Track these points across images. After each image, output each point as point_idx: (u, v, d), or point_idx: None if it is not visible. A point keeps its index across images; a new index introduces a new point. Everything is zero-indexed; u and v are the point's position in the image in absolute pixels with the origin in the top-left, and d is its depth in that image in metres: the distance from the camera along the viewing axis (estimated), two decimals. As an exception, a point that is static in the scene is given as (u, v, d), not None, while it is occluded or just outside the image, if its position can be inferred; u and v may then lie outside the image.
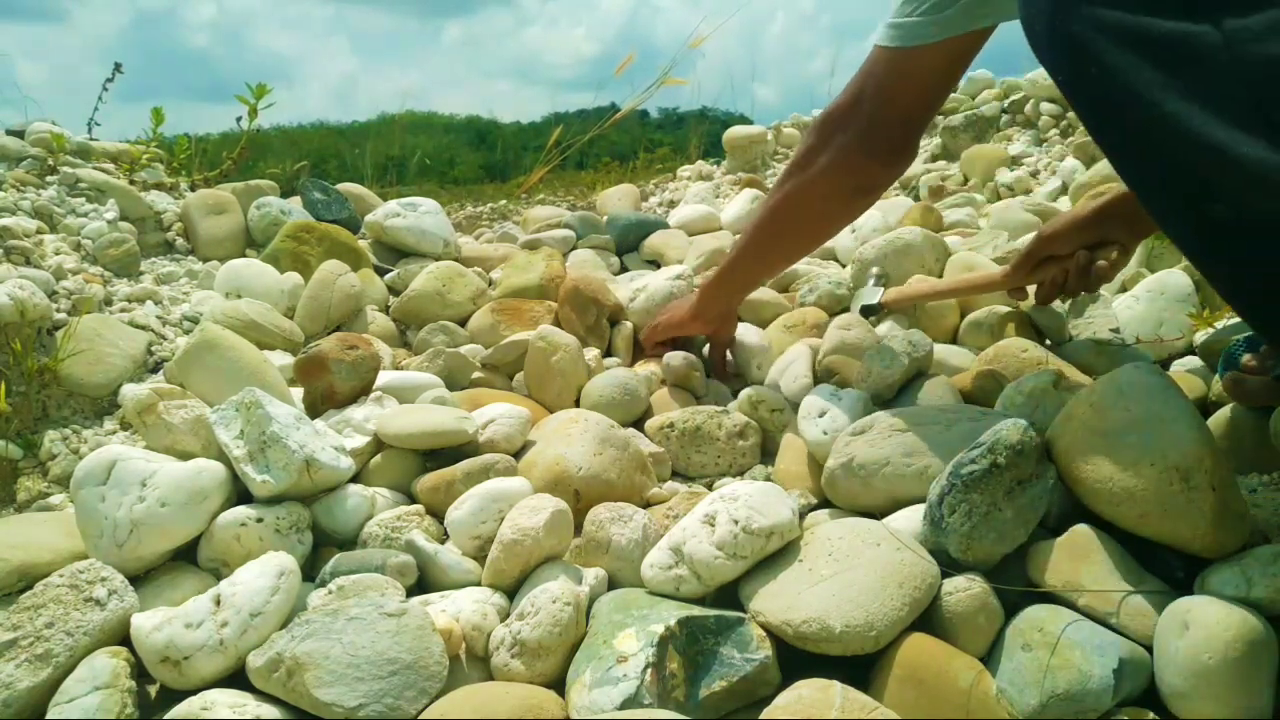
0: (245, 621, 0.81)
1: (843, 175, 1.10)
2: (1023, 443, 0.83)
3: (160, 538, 0.93)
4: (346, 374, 1.20)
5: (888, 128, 1.06)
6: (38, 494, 1.18)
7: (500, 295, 1.64)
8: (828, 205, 1.16)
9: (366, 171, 3.41)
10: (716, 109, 4.43)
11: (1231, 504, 0.79)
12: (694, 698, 0.76)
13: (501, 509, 0.97)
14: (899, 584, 0.79)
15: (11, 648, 0.80)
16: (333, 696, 0.74)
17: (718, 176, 2.73)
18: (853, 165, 1.09)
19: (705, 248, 1.84)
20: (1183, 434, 0.79)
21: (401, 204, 1.95)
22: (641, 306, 1.52)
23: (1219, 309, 1.23)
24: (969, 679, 0.74)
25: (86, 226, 1.65)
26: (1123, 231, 1.13)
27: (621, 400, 1.28)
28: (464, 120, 8.88)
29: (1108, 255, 1.14)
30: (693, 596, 0.86)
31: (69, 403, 1.31)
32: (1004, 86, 2.56)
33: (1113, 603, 0.77)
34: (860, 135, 1.07)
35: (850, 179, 1.11)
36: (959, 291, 1.34)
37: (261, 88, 2.12)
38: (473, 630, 0.85)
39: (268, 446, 0.98)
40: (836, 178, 1.11)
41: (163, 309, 1.57)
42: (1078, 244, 1.14)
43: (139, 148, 1.98)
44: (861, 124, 1.06)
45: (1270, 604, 0.73)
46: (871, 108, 1.05)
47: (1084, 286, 1.16)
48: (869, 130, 1.06)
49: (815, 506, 1.04)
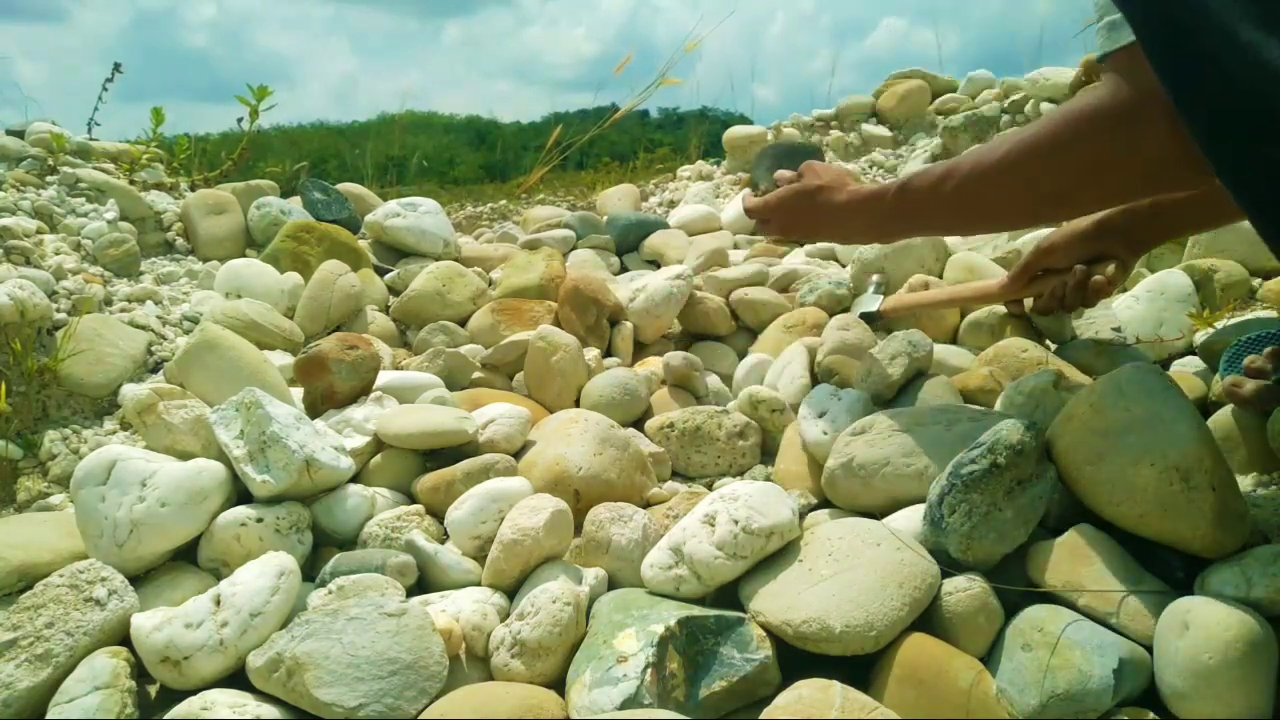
0: (245, 621, 0.81)
1: (1173, 153, 0.79)
2: (1023, 443, 0.83)
3: (160, 538, 0.93)
4: (346, 374, 1.20)
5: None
6: (38, 494, 1.18)
7: (500, 295, 1.64)
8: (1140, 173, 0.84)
9: (366, 171, 3.41)
10: (716, 109, 4.43)
11: (1231, 504, 0.79)
12: (694, 698, 0.76)
13: (501, 509, 0.97)
14: (899, 584, 0.79)
15: (11, 648, 0.80)
16: (333, 696, 0.74)
17: (718, 176, 2.72)
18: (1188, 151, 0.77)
19: (705, 248, 1.84)
20: (1183, 434, 0.79)
21: (401, 204, 1.95)
22: (641, 306, 1.52)
23: (1219, 309, 1.24)
24: (969, 679, 0.74)
25: (86, 226, 1.65)
26: (1121, 246, 1.11)
27: (621, 400, 1.28)
28: (464, 120, 8.88)
29: (1105, 270, 1.12)
30: (693, 596, 0.86)
31: (69, 403, 1.31)
32: (1004, 86, 2.56)
33: (1113, 603, 0.77)
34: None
35: (1174, 163, 0.80)
36: (955, 301, 1.34)
37: (263, 89, 2.12)
38: (473, 630, 0.85)
39: (268, 446, 0.98)
40: (1167, 150, 0.78)
41: (163, 309, 1.57)
42: (1075, 258, 1.12)
43: (139, 148, 1.98)
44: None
45: (1270, 604, 0.73)
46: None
47: (1081, 301, 1.14)
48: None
49: (815, 506, 1.04)
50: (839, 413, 1.08)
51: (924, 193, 0.96)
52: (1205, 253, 1.36)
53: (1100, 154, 0.81)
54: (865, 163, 2.65)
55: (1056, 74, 2.35)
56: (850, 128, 2.82)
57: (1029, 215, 0.98)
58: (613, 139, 3.56)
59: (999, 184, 0.89)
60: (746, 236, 2.11)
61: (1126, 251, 1.12)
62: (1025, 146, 0.86)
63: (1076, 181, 0.85)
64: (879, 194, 1.02)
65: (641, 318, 1.52)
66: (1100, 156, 0.82)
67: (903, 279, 1.45)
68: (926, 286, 1.40)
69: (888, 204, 1.01)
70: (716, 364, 1.50)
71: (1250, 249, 1.34)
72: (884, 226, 1.07)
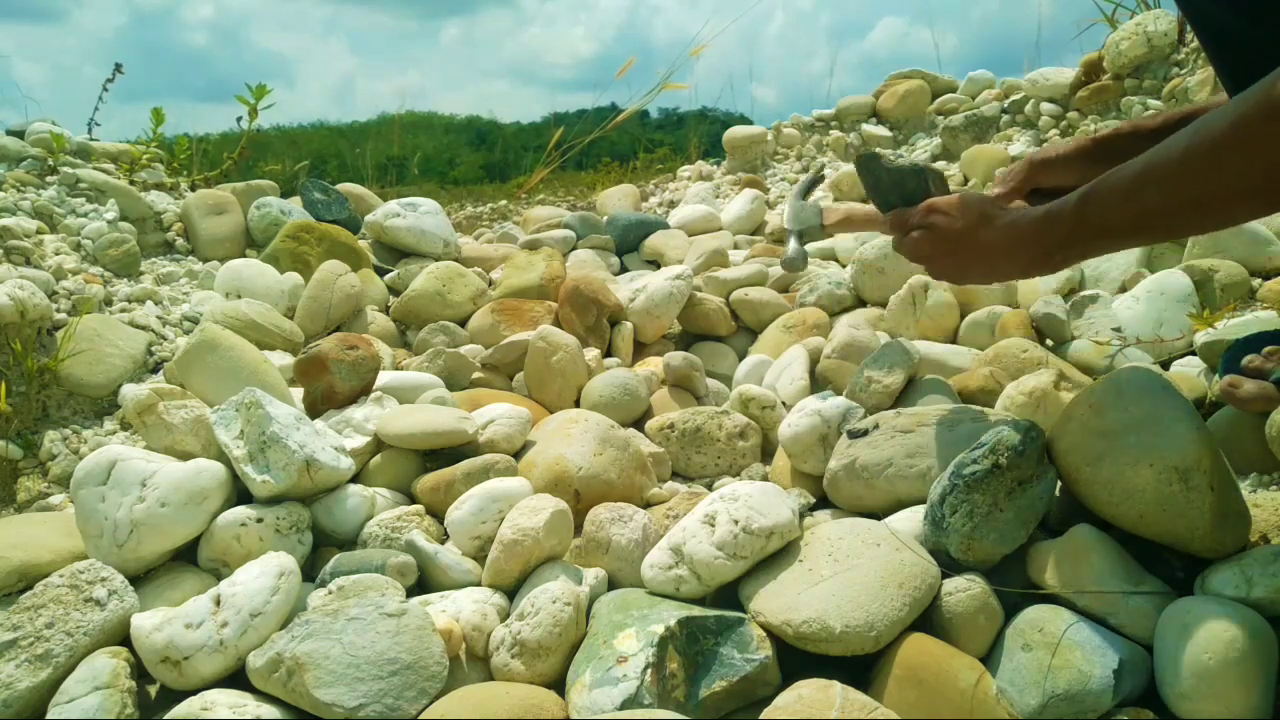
0: (245, 622, 0.81)
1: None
2: (1024, 443, 0.83)
3: (160, 538, 0.93)
4: (346, 374, 1.20)
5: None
6: (38, 494, 1.18)
7: (500, 295, 1.64)
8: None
9: (366, 171, 3.41)
10: (716, 109, 4.43)
11: (1231, 504, 0.79)
12: (694, 698, 0.76)
13: (501, 509, 0.97)
14: (899, 584, 0.79)
15: (11, 648, 0.80)
16: (333, 697, 0.74)
17: (718, 176, 2.73)
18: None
19: (705, 248, 1.84)
20: (1182, 434, 0.79)
21: (401, 204, 1.95)
22: (641, 306, 1.52)
23: (1219, 309, 1.23)
24: (969, 679, 0.74)
25: (86, 226, 1.65)
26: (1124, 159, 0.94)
27: (621, 400, 1.28)
28: (464, 120, 8.87)
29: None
30: (693, 597, 0.86)
31: (69, 403, 1.31)
32: (1004, 87, 2.56)
33: (1113, 603, 0.77)
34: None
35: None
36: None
37: (261, 89, 2.12)
38: (473, 630, 0.85)
39: (268, 446, 0.98)
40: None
41: (163, 309, 1.57)
42: (1073, 178, 0.98)
43: (139, 148, 1.98)
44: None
45: (1270, 604, 0.73)
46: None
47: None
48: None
49: (815, 506, 1.04)
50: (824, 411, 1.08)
51: (1116, 202, 0.80)
52: (1205, 253, 1.36)
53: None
54: (865, 163, 2.65)
55: (1056, 74, 2.35)
56: (850, 128, 2.82)
57: (1269, 199, 0.75)
58: (613, 139, 3.56)
59: (1221, 169, 0.72)
60: (746, 236, 2.11)
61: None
62: (1252, 118, 0.69)
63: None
64: (1049, 220, 0.86)
65: (641, 318, 1.52)
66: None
67: (902, 280, 1.45)
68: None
69: (1064, 227, 0.84)
70: (716, 364, 1.50)
71: (1250, 249, 1.34)
72: (1061, 253, 0.87)
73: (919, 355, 1.15)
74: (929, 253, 0.95)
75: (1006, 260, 0.90)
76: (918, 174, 1.00)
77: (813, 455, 1.06)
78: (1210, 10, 0.81)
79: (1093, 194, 0.82)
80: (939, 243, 0.93)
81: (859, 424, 1.02)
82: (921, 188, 0.99)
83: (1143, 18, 2.18)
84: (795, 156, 2.78)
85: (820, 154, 2.77)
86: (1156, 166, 0.77)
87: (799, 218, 1.21)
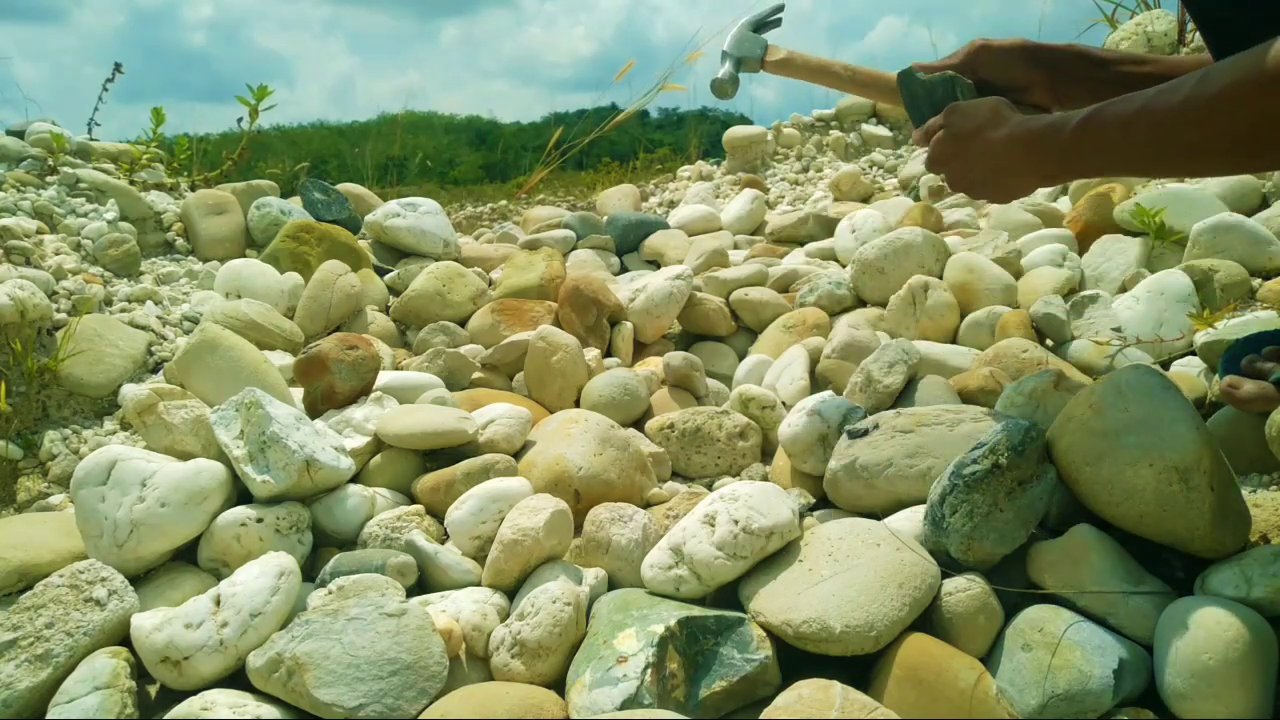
0: (245, 621, 0.81)
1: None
2: (1024, 443, 0.83)
3: (160, 538, 0.93)
4: (346, 374, 1.20)
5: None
6: (38, 494, 1.18)
7: (500, 295, 1.64)
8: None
9: (366, 171, 3.41)
10: (716, 109, 4.43)
11: (1231, 504, 0.79)
12: (694, 698, 0.76)
13: (501, 509, 0.97)
14: (899, 584, 0.79)
15: (11, 648, 0.80)
16: (333, 697, 0.74)
17: (718, 176, 2.73)
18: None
19: (705, 248, 1.84)
20: (1182, 434, 0.79)
21: (401, 204, 1.95)
22: (641, 306, 1.52)
23: (1219, 309, 1.23)
24: (969, 679, 0.74)
25: (86, 226, 1.65)
26: (1044, 89, 1.04)
27: (621, 400, 1.28)
28: (464, 120, 8.86)
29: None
30: (693, 597, 0.86)
31: (69, 403, 1.31)
32: (1004, 87, 2.57)
33: (1113, 603, 0.77)
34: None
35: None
36: (857, 78, 1.19)
37: (262, 89, 2.12)
38: (473, 630, 0.85)
39: (268, 446, 0.98)
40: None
41: (163, 309, 1.57)
42: (1010, 72, 1.04)
43: (139, 148, 1.98)
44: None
45: (1270, 604, 0.73)
46: None
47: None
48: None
49: (815, 506, 1.04)
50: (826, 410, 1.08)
51: (1113, 130, 0.84)
52: (1205, 253, 1.36)
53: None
54: (865, 163, 2.66)
55: (1056, 74, 2.35)
56: (850, 127, 2.82)
57: (1253, 157, 0.80)
58: (613, 139, 3.56)
59: (1212, 123, 0.76)
60: (746, 236, 2.11)
61: (1048, 95, 1.05)
62: (1253, 74, 0.71)
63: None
64: (1053, 128, 0.90)
65: (641, 318, 1.52)
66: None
67: (902, 279, 1.45)
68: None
69: (1065, 140, 0.88)
70: (716, 364, 1.50)
71: (1250, 249, 1.34)
72: (1056, 165, 0.92)
73: (919, 355, 1.15)
74: (946, 154, 0.98)
75: (1008, 159, 0.94)
76: (947, 84, 1.05)
77: (812, 455, 1.06)
78: (1211, 7, 0.82)
79: (1094, 116, 0.86)
80: (955, 141, 0.97)
81: (859, 424, 1.02)
82: (950, 96, 1.03)
83: (1143, 17, 2.18)
84: (795, 156, 2.78)
85: (820, 154, 2.77)
86: (1155, 108, 0.81)
87: (741, 45, 1.21)
